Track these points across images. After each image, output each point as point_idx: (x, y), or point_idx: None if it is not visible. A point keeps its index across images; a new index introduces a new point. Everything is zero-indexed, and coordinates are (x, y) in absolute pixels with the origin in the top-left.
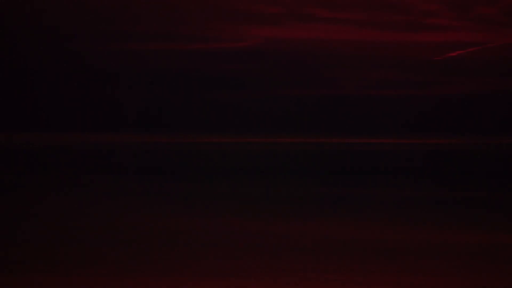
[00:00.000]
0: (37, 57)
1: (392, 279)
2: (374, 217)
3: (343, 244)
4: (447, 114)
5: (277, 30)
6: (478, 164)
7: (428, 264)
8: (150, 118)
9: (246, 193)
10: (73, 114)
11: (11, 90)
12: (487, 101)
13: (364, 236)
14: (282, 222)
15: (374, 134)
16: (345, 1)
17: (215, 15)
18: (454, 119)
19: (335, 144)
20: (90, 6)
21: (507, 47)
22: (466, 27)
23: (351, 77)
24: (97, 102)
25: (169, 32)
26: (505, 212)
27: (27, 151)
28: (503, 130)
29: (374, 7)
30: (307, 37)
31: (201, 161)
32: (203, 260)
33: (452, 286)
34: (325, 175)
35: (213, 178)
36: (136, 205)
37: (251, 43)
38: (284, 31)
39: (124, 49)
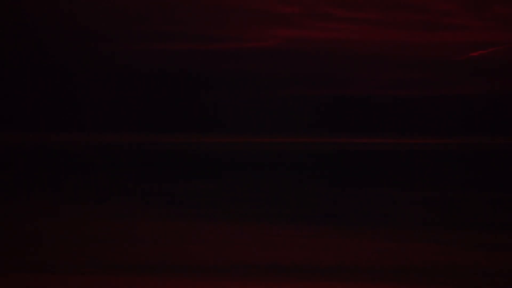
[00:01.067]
0: (73, 58)
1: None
2: (374, 218)
3: (342, 245)
4: (470, 114)
5: (297, 30)
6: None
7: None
8: (166, 118)
9: (253, 195)
10: (107, 114)
11: (46, 90)
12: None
13: (365, 236)
14: (283, 226)
15: (391, 135)
16: (364, 1)
17: (234, 15)
18: (477, 119)
19: (352, 144)
20: (116, 7)
21: None
22: (484, 26)
23: (370, 77)
24: (130, 102)
25: (188, 32)
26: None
27: (65, 151)
28: None
29: (392, 6)
30: (326, 37)
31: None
32: (202, 260)
33: None
34: (336, 176)
35: (226, 178)
36: (141, 206)
37: (271, 43)
38: (303, 31)
39: (143, 49)
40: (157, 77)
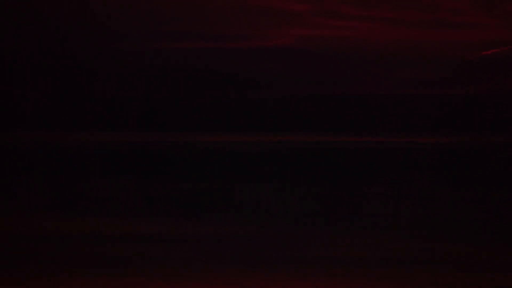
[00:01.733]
0: (90, 56)
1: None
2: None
3: (338, 251)
4: (481, 112)
5: (308, 28)
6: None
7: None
8: (169, 117)
9: (258, 198)
10: (127, 113)
11: (64, 90)
12: None
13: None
14: (282, 228)
15: (403, 133)
16: None
17: (246, 13)
18: (491, 118)
19: (363, 142)
20: (130, 7)
21: None
22: (497, 25)
23: (380, 76)
24: (129, 102)
25: (199, 31)
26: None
27: (83, 150)
28: None
29: (404, 5)
30: (337, 35)
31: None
32: (199, 262)
33: None
34: (341, 176)
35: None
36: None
37: (283, 41)
38: (315, 30)
39: (156, 48)
40: (169, 75)
